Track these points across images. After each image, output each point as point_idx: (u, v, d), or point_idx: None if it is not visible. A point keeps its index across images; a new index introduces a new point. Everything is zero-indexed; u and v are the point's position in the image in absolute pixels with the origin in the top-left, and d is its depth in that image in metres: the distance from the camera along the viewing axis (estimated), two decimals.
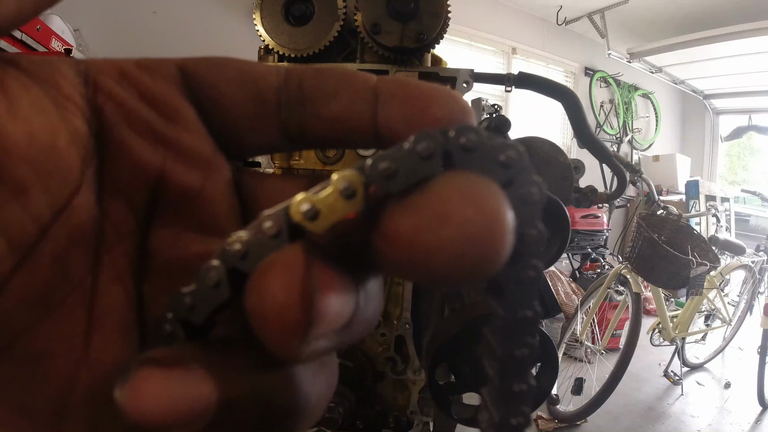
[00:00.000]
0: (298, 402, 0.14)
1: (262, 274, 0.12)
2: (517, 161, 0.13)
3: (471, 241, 0.11)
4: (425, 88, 0.16)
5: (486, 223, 0.11)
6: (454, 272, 0.12)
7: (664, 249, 2.21)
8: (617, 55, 4.78)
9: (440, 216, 0.11)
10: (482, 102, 2.63)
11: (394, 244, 0.12)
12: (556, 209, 0.60)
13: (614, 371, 2.37)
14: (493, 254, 0.12)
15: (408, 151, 0.13)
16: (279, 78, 0.17)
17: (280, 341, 0.12)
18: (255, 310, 0.12)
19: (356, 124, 0.16)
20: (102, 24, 2.83)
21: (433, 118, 0.15)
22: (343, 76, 0.17)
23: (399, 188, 0.12)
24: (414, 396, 0.78)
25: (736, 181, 6.66)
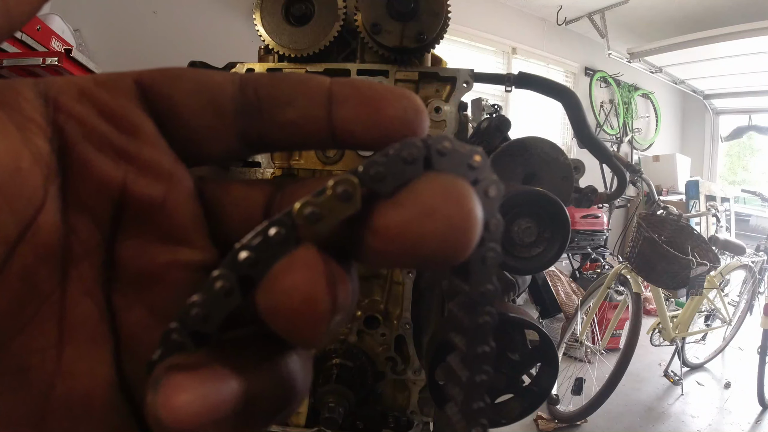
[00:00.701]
0: (299, 386, 0.16)
1: (283, 275, 0.14)
2: (481, 164, 0.16)
3: (452, 232, 0.14)
4: (378, 90, 0.17)
5: (463, 216, 0.14)
6: (437, 258, 0.14)
7: (664, 249, 2.21)
8: (617, 55, 4.78)
9: (426, 211, 0.14)
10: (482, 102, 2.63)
11: (385, 237, 0.14)
12: (556, 209, 0.60)
13: (614, 371, 2.37)
14: (468, 241, 0.14)
15: (394, 158, 0.15)
16: (234, 87, 0.17)
17: (308, 330, 0.13)
18: (278, 307, 0.13)
19: (312, 128, 0.17)
20: (102, 24, 2.83)
21: (386, 118, 0.16)
22: (297, 82, 0.17)
23: (388, 189, 0.14)
24: (414, 396, 0.78)
25: (736, 181, 6.66)
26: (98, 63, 1.80)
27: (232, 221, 0.18)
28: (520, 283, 0.74)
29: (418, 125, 0.17)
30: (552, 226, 0.60)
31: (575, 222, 4.05)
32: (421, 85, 0.72)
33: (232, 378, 0.14)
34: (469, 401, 0.18)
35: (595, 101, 5.37)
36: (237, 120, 0.17)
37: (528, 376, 0.69)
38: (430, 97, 0.73)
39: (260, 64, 0.71)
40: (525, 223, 0.60)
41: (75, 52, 1.60)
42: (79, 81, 0.17)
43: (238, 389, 0.14)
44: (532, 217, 0.60)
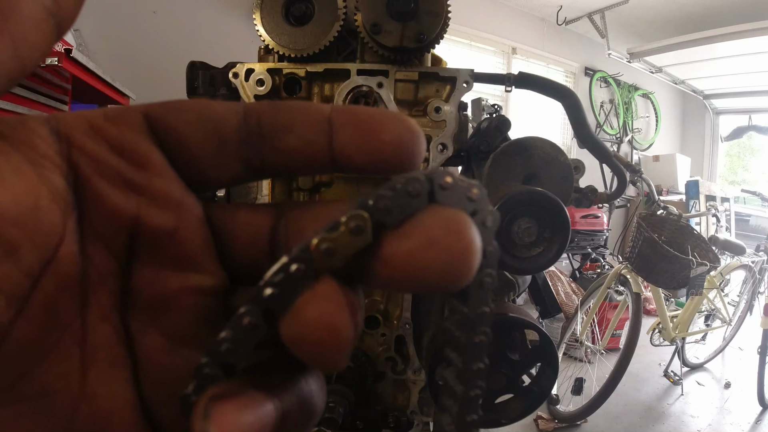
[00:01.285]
0: (319, 403, 0.18)
1: (308, 308, 0.15)
2: (479, 196, 0.17)
3: (453, 261, 0.15)
4: (375, 116, 0.18)
5: (463, 247, 0.15)
6: (440, 284, 0.15)
7: (665, 249, 2.21)
8: (617, 55, 4.78)
9: (429, 243, 0.15)
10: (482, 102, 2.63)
11: (392, 266, 0.15)
12: (556, 209, 0.60)
13: (614, 371, 2.37)
14: (468, 269, 0.15)
15: (401, 191, 0.16)
16: (238, 117, 0.18)
17: (332, 357, 0.15)
18: (305, 338, 0.15)
19: (313, 154, 0.18)
20: (102, 24, 2.83)
21: (383, 143, 0.17)
22: (298, 111, 0.18)
23: (394, 221, 0.16)
24: (414, 396, 0.78)
25: (736, 181, 6.67)
26: (98, 63, 1.80)
27: (239, 245, 0.19)
28: (520, 283, 0.74)
29: (414, 149, 0.18)
30: (552, 226, 0.60)
31: (575, 222, 4.06)
32: (421, 85, 0.72)
33: (268, 401, 0.15)
34: (463, 414, 0.19)
35: (595, 101, 5.37)
36: (240, 148, 0.18)
37: (528, 376, 0.69)
38: (430, 97, 0.73)
39: (260, 64, 0.71)
40: (525, 223, 0.60)
41: (75, 52, 1.60)
42: (89, 116, 0.17)
43: (274, 410, 0.15)
44: (532, 217, 0.60)
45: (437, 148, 0.71)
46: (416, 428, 0.77)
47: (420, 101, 0.73)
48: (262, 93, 0.71)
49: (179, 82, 0.74)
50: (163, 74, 2.36)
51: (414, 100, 0.73)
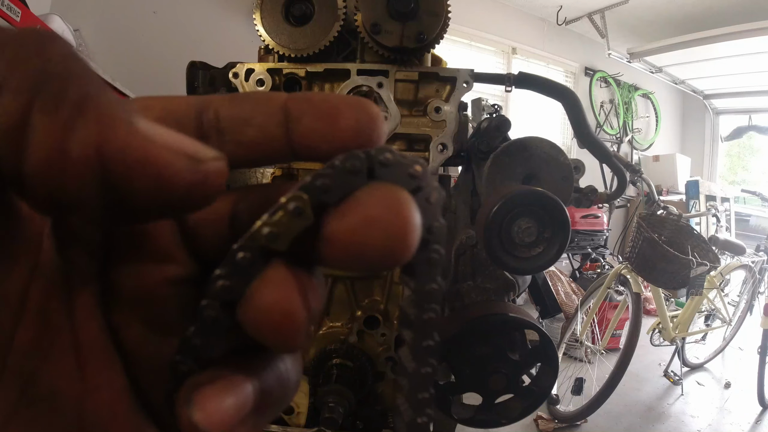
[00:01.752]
0: (293, 379, 0.18)
1: (259, 296, 0.15)
2: (422, 173, 0.17)
3: (391, 238, 0.15)
4: (332, 102, 0.18)
5: (401, 223, 0.15)
6: (379, 262, 0.15)
7: (664, 249, 2.21)
8: (617, 55, 4.78)
9: (367, 220, 0.15)
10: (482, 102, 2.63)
11: (333, 245, 0.15)
12: (556, 209, 0.60)
13: (614, 371, 2.37)
14: (407, 246, 0.15)
15: (339, 169, 0.16)
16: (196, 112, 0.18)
17: (289, 339, 0.15)
18: (260, 324, 0.15)
19: (272, 146, 0.18)
20: (102, 24, 2.83)
21: (341, 129, 0.17)
22: (254, 101, 0.18)
23: (335, 200, 0.16)
24: None
25: (736, 181, 6.67)
26: (98, 63, 1.80)
27: (203, 234, 0.19)
28: (520, 283, 0.74)
29: (373, 133, 0.18)
30: (552, 226, 0.60)
31: (575, 222, 4.05)
32: (421, 85, 0.72)
33: (247, 381, 0.16)
34: (415, 391, 0.19)
35: (595, 101, 5.37)
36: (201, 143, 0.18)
37: (528, 376, 0.69)
38: (430, 97, 0.73)
39: (260, 64, 0.71)
40: (525, 223, 0.60)
41: None
42: None
43: (253, 390, 0.16)
44: (532, 217, 0.60)
45: (437, 148, 0.71)
46: None
47: (420, 101, 0.73)
48: None
49: (179, 82, 0.74)
50: (163, 74, 2.36)
51: (414, 100, 0.73)
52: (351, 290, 0.77)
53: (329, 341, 0.76)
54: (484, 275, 0.72)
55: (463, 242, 0.72)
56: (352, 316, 0.77)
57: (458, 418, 0.68)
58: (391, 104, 0.71)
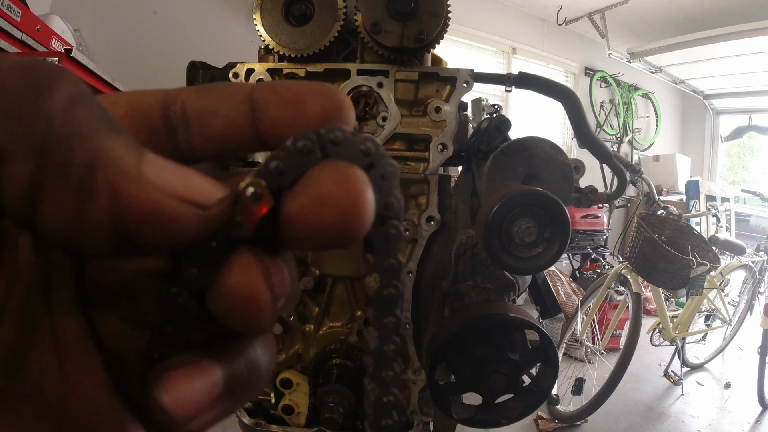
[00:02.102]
0: (264, 366, 0.19)
1: (225, 282, 0.16)
2: (374, 149, 0.17)
3: (343, 214, 0.15)
4: (296, 89, 0.18)
5: (353, 200, 0.15)
6: (335, 238, 0.15)
7: (665, 249, 2.21)
8: (617, 55, 4.78)
9: (319, 198, 0.15)
10: (482, 102, 2.63)
11: (290, 225, 0.16)
12: (556, 209, 0.60)
13: (614, 371, 2.36)
14: (361, 221, 0.15)
15: (291, 150, 0.16)
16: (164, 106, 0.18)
17: (255, 321, 0.16)
18: (226, 308, 0.16)
19: (239, 136, 0.18)
20: (102, 24, 2.83)
21: (307, 116, 0.17)
22: (219, 93, 0.18)
23: (290, 180, 0.16)
24: (414, 396, 0.78)
25: (736, 181, 6.67)
26: (98, 63, 1.80)
27: None
28: (520, 283, 0.74)
29: (340, 118, 0.18)
30: (552, 226, 0.60)
31: (575, 222, 4.05)
32: (421, 85, 0.72)
33: (215, 367, 0.17)
34: (379, 369, 0.19)
35: (595, 101, 5.37)
36: (169, 138, 0.18)
37: (528, 376, 0.69)
38: (431, 97, 0.73)
39: (260, 64, 0.71)
40: (525, 223, 0.60)
41: (75, 52, 1.60)
42: None
43: (221, 375, 0.17)
44: (532, 217, 0.60)
45: (437, 148, 0.71)
46: (416, 428, 0.77)
47: (420, 101, 0.73)
48: None
49: (179, 82, 0.74)
50: (163, 74, 2.36)
51: (414, 100, 0.73)
52: (351, 290, 0.77)
53: (329, 341, 0.76)
54: (484, 275, 0.72)
55: (463, 242, 0.72)
56: (352, 316, 0.77)
57: (458, 418, 0.68)
58: (391, 104, 0.71)
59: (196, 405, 0.16)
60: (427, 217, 0.73)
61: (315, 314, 0.77)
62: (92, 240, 0.14)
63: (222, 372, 0.17)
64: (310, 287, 0.75)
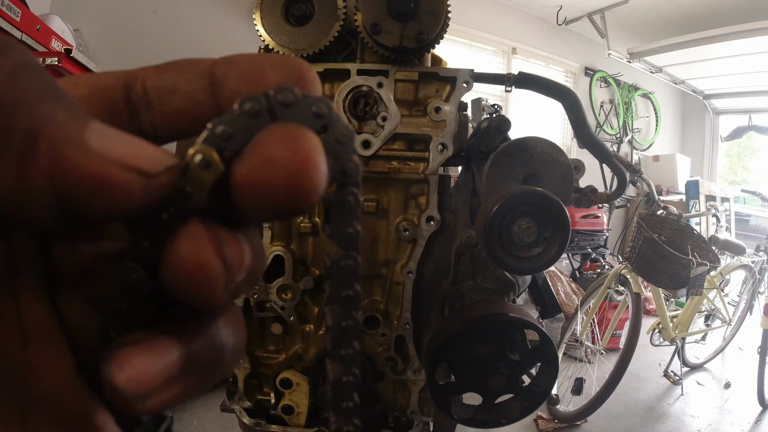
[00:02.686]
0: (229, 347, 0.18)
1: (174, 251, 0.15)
2: (327, 112, 0.16)
3: (292, 177, 0.14)
4: (257, 62, 0.17)
5: (301, 160, 0.14)
6: (286, 204, 0.15)
7: (665, 249, 2.21)
8: (617, 55, 4.78)
9: (266, 160, 0.14)
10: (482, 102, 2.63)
11: (238, 191, 0.15)
12: (556, 209, 0.60)
13: (614, 371, 2.36)
14: (311, 184, 0.15)
15: (238, 114, 0.15)
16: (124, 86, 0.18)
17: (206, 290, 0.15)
18: (176, 278, 0.15)
19: (200, 112, 0.17)
20: (102, 24, 2.83)
21: (267, 89, 0.16)
22: (178, 70, 0.18)
23: (239, 145, 0.15)
24: (414, 396, 0.78)
25: (736, 181, 6.67)
26: (98, 63, 1.80)
27: None
28: (520, 283, 0.74)
29: (302, 87, 0.17)
30: (552, 226, 0.60)
31: (575, 222, 4.05)
32: (421, 85, 0.72)
33: (173, 345, 0.16)
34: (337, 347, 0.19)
35: (595, 101, 5.37)
36: (131, 117, 0.18)
37: (528, 376, 0.69)
38: (430, 97, 0.73)
39: None
40: (525, 223, 0.60)
41: (75, 52, 1.60)
42: None
43: (179, 353, 0.16)
44: (532, 217, 0.60)
45: (437, 148, 0.71)
46: (416, 428, 0.77)
47: (420, 101, 0.73)
48: None
49: None
50: None
51: (414, 100, 0.73)
52: None
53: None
54: (484, 275, 0.72)
55: (463, 242, 0.72)
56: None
57: (458, 418, 0.68)
58: (391, 104, 0.71)
59: (150, 383, 0.15)
60: (427, 217, 0.73)
61: (315, 314, 0.77)
62: (35, 209, 0.14)
63: (179, 350, 0.16)
64: (310, 287, 0.75)
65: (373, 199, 0.74)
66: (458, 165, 0.78)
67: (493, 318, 0.66)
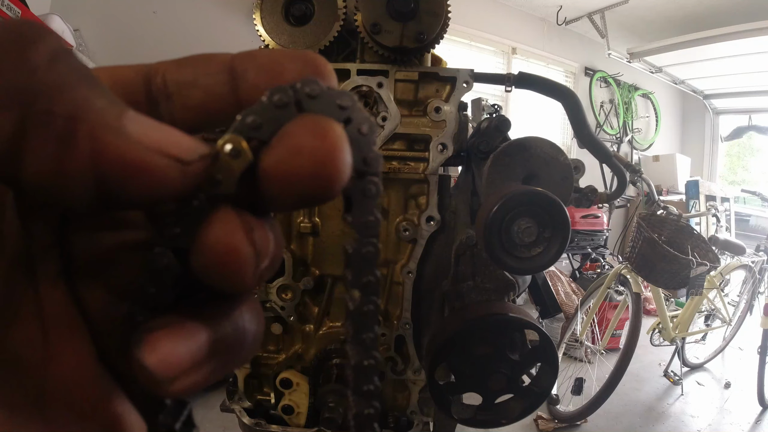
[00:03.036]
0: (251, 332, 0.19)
1: (205, 235, 0.15)
2: (351, 104, 0.17)
3: (319, 165, 0.15)
4: (275, 56, 0.18)
5: (328, 150, 0.15)
6: (313, 191, 0.15)
7: (664, 249, 2.21)
8: (617, 55, 4.78)
9: (294, 150, 0.15)
10: (482, 102, 2.63)
11: (266, 179, 0.15)
12: (556, 209, 0.60)
13: (614, 371, 2.36)
14: (337, 172, 0.15)
15: (267, 105, 0.16)
16: (145, 79, 0.18)
17: (237, 274, 0.15)
18: (207, 262, 0.15)
19: (220, 105, 0.18)
20: (102, 24, 2.83)
21: (285, 82, 0.17)
22: (199, 64, 0.18)
23: (268, 135, 0.16)
24: (414, 396, 0.78)
25: (736, 181, 6.67)
26: (98, 63, 1.80)
27: None
28: (520, 283, 0.74)
29: (321, 80, 0.17)
30: (552, 226, 0.60)
31: (575, 222, 4.05)
32: (421, 85, 0.72)
33: (201, 329, 0.17)
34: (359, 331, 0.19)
35: (595, 101, 5.37)
36: (151, 110, 0.18)
37: (528, 376, 0.69)
38: (430, 97, 0.73)
39: None
40: (525, 223, 0.60)
41: (75, 52, 1.60)
42: None
43: (207, 337, 0.17)
44: (532, 217, 0.60)
45: (437, 148, 0.71)
46: (416, 428, 0.77)
47: (420, 101, 0.73)
48: None
49: None
50: None
51: (414, 100, 0.73)
52: None
53: (329, 341, 0.76)
54: (484, 275, 0.72)
55: (463, 242, 0.72)
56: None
57: (458, 418, 0.68)
58: (391, 104, 0.71)
59: (180, 366, 0.16)
60: (427, 217, 0.73)
61: (315, 314, 0.77)
62: (74, 191, 0.14)
63: (207, 334, 0.17)
64: (310, 287, 0.75)
65: None
66: (458, 165, 0.78)
67: (493, 318, 0.66)
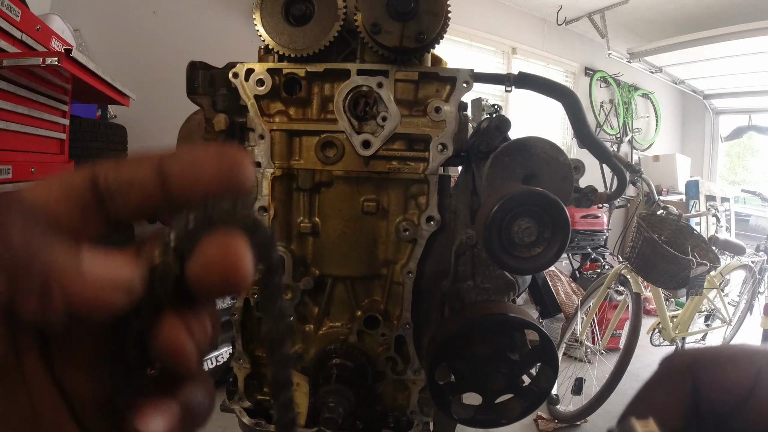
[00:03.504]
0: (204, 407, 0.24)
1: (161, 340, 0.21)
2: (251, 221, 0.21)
3: (227, 276, 0.20)
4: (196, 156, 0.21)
5: (232, 264, 0.20)
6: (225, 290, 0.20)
7: (664, 249, 2.21)
8: (617, 55, 4.78)
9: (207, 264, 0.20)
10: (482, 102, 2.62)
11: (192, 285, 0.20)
12: (556, 209, 0.60)
13: (614, 371, 2.36)
14: (242, 279, 0.20)
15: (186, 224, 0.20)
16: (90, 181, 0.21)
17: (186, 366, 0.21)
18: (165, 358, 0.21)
19: (154, 202, 0.21)
20: (102, 24, 2.83)
21: (206, 180, 0.21)
22: (133, 165, 0.22)
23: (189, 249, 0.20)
24: (414, 396, 0.78)
25: (736, 181, 6.67)
26: (98, 63, 1.80)
27: None
28: (520, 283, 0.74)
29: (236, 178, 0.21)
30: (552, 226, 0.60)
31: (575, 222, 4.06)
32: (421, 85, 0.72)
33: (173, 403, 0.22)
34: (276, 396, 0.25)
35: (595, 101, 5.37)
36: (99, 209, 0.21)
37: (528, 376, 0.69)
38: (430, 97, 0.73)
39: (260, 64, 0.71)
40: (525, 223, 0.60)
41: (75, 52, 1.60)
42: None
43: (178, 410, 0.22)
44: (532, 217, 0.60)
45: (437, 148, 0.71)
46: (416, 428, 0.77)
47: (420, 101, 0.73)
48: (262, 93, 0.71)
49: (179, 82, 0.74)
50: (163, 74, 2.36)
51: (414, 100, 0.73)
52: (351, 290, 0.77)
53: (329, 341, 0.76)
54: (484, 275, 0.72)
55: (463, 242, 0.72)
56: (352, 316, 0.77)
57: (458, 418, 0.68)
58: (391, 104, 0.71)
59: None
60: (427, 217, 0.73)
61: (315, 314, 0.77)
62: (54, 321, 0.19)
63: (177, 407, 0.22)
64: (310, 287, 0.75)
65: (373, 199, 0.74)
66: (458, 165, 0.78)
67: (493, 318, 0.66)
